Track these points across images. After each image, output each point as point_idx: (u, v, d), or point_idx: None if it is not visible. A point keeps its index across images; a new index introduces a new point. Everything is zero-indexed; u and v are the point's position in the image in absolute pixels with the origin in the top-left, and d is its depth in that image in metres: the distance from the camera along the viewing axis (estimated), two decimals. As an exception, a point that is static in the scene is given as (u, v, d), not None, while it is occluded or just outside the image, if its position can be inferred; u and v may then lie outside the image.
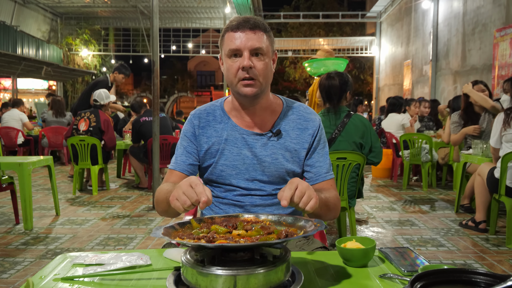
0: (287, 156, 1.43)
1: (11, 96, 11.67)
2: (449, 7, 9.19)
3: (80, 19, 14.37)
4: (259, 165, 1.42)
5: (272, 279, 0.88)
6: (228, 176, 1.44)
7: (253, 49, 1.33)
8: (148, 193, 5.43)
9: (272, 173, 1.43)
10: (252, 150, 1.42)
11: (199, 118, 1.49)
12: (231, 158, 1.43)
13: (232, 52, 1.34)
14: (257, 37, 1.34)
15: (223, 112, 1.48)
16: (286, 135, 1.44)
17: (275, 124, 1.45)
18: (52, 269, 1.12)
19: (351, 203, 3.13)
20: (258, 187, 1.43)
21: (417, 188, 5.81)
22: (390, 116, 6.23)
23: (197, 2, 12.82)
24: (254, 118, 1.44)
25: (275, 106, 1.48)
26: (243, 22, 1.34)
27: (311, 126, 1.47)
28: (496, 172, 3.44)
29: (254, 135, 1.43)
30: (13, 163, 3.73)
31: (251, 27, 1.34)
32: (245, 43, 1.33)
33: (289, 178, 1.43)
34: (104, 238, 3.56)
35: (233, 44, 1.33)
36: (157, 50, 4.63)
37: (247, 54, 1.33)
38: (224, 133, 1.44)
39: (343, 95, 3.07)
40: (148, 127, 5.33)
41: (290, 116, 1.47)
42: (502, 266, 2.93)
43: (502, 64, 6.67)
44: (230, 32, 1.35)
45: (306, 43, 17.32)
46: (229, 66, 1.36)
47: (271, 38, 1.40)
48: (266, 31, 1.38)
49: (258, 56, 1.34)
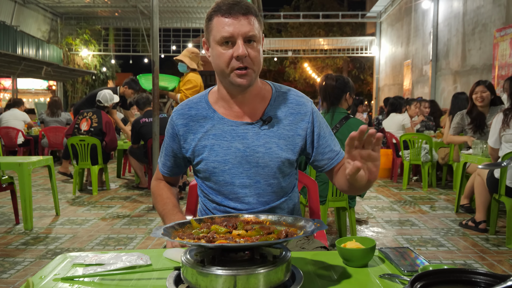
0: (281, 144, 1.36)
1: (11, 96, 11.66)
2: (449, 7, 9.19)
3: (80, 19, 14.36)
4: (252, 156, 1.35)
5: (272, 279, 0.88)
6: (221, 172, 1.37)
7: (247, 36, 1.25)
8: (148, 193, 5.43)
9: (267, 163, 1.36)
10: (244, 142, 1.35)
11: (181, 115, 1.41)
12: (221, 153, 1.36)
13: (224, 39, 1.25)
14: (250, 22, 1.26)
15: (207, 105, 1.40)
16: (278, 122, 1.37)
17: (265, 112, 1.38)
18: (52, 269, 1.12)
19: (351, 203, 3.13)
20: (253, 182, 1.37)
21: (417, 188, 5.82)
22: (391, 116, 6.23)
23: (197, 2, 12.82)
24: (243, 107, 1.37)
25: (264, 93, 1.41)
26: (234, 5, 1.26)
27: (304, 110, 1.40)
28: (496, 172, 3.44)
29: (244, 125, 1.36)
30: (13, 163, 3.73)
31: (244, 12, 1.25)
32: (239, 30, 1.24)
33: (284, 168, 1.39)
34: (104, 238, 3.56)
35: (225, 31, 1.25)
36: (157, 50, 4.63)
37: (241, 42, 1.25)
38: (211, 128, 1.37)
39: (341, 95, 3.06)
40: (148, 129, 5.32)
41: (281, 102, 1.40)
42: (502, 266, 2.93)
43: (502, 64, 6.67)
44: (221, 17, 1.26)
45: (306, 43, 17.33)
46: (220, 53, 1.27)
47: (261, 21, 1.33)
48: (257, 15, 1.30)
49: (251, 43, 1.27)
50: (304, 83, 24.01)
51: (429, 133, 6.10)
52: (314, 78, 23.28)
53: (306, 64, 22.81)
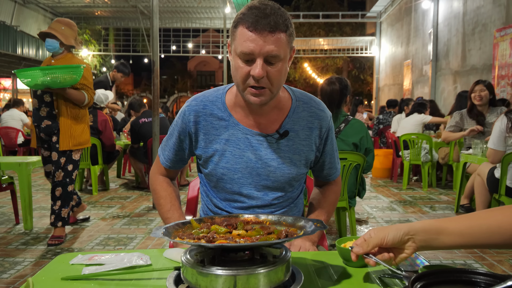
0: (295, 159, 1.32)
1: (11, 96, 11.67)
2: (449, 7, 9.19)
3: (80, 19, 14.37)
4: (263, 169, 1.30)
5: (272, 279, 0.88)
6: (230, 180, 1.32)
7: (269, 56, 1.15)
8: (148, 193, 5.43)
9: (278, 179, 1.32)
10: (256, 153, 1.29)
11: (195, 112, 1.33)
12: (232, 160, 1.30)
13: (243, 55, 1.16)
14: (276, 40, 1.14)
15: (224, 106, 1.32)
16: (295, 135, 1.31)
17: (283, 124, 1.30)
18: (52, 269, 1.12)
19: (351, 203, 3.13)
20: (260, 194, 1.34)
21: (417, 188, 5.81)
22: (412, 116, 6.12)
23: (197, 2, 12.83)
24: (260, 118, 1.30)
25: (284, 103, 1.32)
26: (262, 19, 1.13)
27: (323, 125, 1.35)
28: (496, 172, 3.43)
29: (259, 136, 1.30)
30: (13, 163, 3.73)
31: (271, 29, 1.13)
32: (261, 48, 1.13)
33: (295, 183, 1.39)
34: (104, 238, 3.56)
35: (246, 47, 1.14)
36: (157, 50, 4.63)
37: (260, 62, 1.15)
38: (225, 132, 1.31)
39: (343, 99, 3.10)
40: (147, 129, 5.32)
41: (300, 114, 1.32)
42: (502, 266, 2.93)
43: (502, 64, 6.67)
44: (245, 28, 1.15)
45: (306, 43, 17.33)
46: (238, 67, 1.19)
47: (292, 35, 1.20)
48: (287, 29, 1.17)
49: (273, 64, 1.17)
50: (304, 83, 24.01)
51: (429, 133, 6.10)
52: (314, 78, 23.29)
53: (306, 64, 22.81)
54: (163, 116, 5.87)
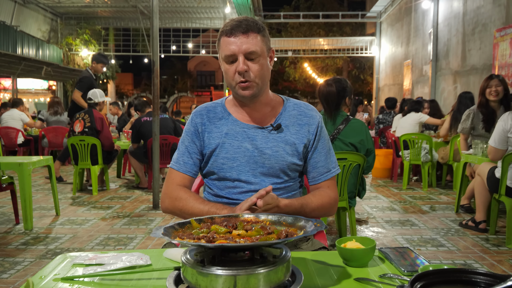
0: (287, 149, 1.47)
1: (11, 96, 11.67)
2: (449, 7, 9.19)
3: (80, 19, 14.37)
4: (260, 157, 1.45)
5: (272, 279, 0.88)
6: (229, 168, 1.46)
7: (247, 53, 1.37)
8: (148, 193, 5.43)
9: (273, 165, 1.46)
10: (253, 143, 1.46)
11: (200, 115, 1.53)
12: (231, 151, 1.46)
13: (227, 58, 1.39)
14: (250, 40, 1.37)
15: (223, 109, 1.53)
16: (286, 130, 1.49)
17: (276, 119, 1.49)
18: (52, 269, 1.12)
19: (351, 203, 3.13)
20: (258, 180, 1.45)
21: (417, 188, 5.81)
22: (409, 115, 6.11)
23: (197, 2, 12.82)
24: (255, 114, 1.49)
25: (275, 103, 1.53)
26: (236, 26, 1.38)
27: (312, 122, 1.51)
28: (496, 172, 3.43)
29: (255, 128, 1.47)
30: (13, 163, 3.73)
31: (244, 31, 1.37)
32: (239, 48, 1.37)
33: (289, 171, 1.48)
34: (104, 238, 3.56)
35: (228, 50, 1.38)
36: (157, 50, 4.63)
37: (241, 59, 1.37)
38: (224, 128, 1.48)
39: (341, 101, 3.10)
40: (147, 127, 5.33)
41: (291, 112, 1.51)
42: (502, 266, 2.93)
43: (502, 64, 6.67)
44: (225, 37, 1.40)
45: (306, 43, 17.33)
46: (227, 69, 1.42)
47: (266, 37, 1.43)
48: (260, 31, 1.41)
49: (253, 60, 1.39)
50: (304, 83, 24.01)
51: (429, 133, 6.10)
52: (314, 78, 23.28)
53: (306, 64, 22.81)
54: (166, 116, 5.88)
